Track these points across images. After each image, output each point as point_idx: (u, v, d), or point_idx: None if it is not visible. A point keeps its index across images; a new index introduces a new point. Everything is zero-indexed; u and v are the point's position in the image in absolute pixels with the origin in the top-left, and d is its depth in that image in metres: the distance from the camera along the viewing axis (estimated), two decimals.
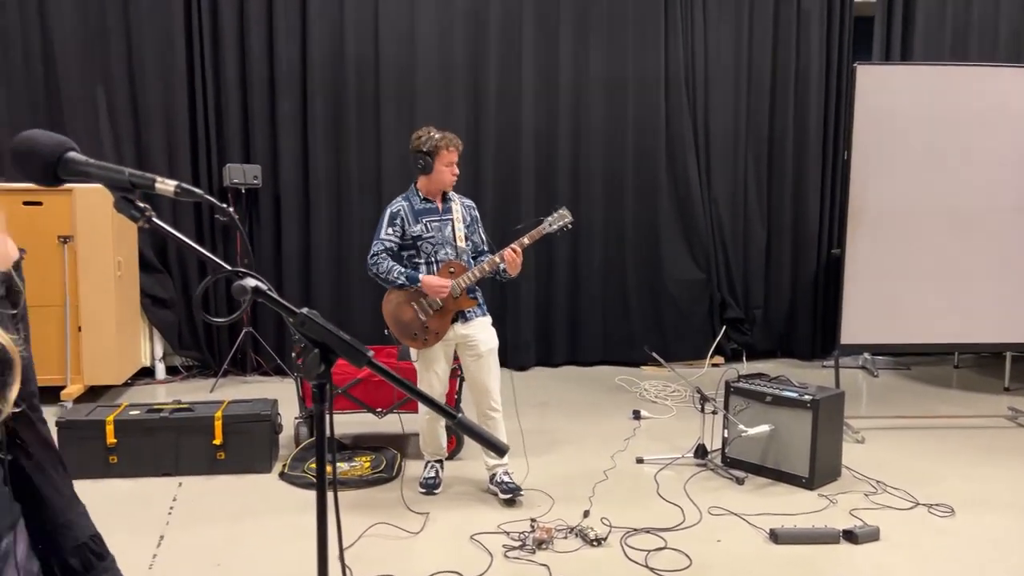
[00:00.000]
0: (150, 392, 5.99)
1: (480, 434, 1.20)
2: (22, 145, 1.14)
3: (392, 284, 3.96)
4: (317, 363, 1.15)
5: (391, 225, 3.99)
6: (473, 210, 4.19)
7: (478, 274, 3.94)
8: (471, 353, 4.04)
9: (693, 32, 6.78)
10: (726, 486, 4.24)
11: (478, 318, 4.05)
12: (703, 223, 6.89)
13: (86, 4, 6.04)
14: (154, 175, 1.14)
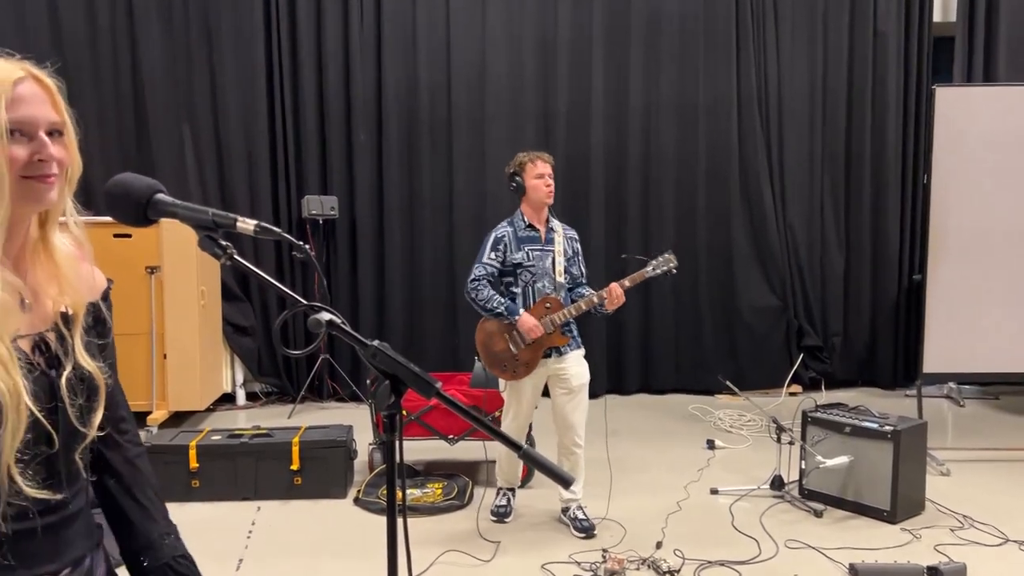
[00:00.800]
0: (231, 417, 6.17)
1: (546, 465, 1.22)
2: (116, 188, 1.22)
3: (489, 313, 3.94)
4: (388, 394, 1.18)
5: (494, 249, 3.97)
6: (576, 242, 4.14)
7: (574, 312, 3.88)
8: (562, 388, 3.98)
9: (765, 53, 6.73)
10: (804, 519, 4.13)
11: (572, 352, 4.00)
12: (778, 248, 6.78)
13: (173, 45, 6.32)
14: (236, 215, 1.20)
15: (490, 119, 6.59)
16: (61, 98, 1.22)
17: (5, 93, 1.14)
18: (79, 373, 1.27)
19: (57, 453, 1.24)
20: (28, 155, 1.16)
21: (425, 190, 6.62)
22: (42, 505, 1.22)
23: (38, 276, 1.26)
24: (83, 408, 1.26)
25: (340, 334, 1.19)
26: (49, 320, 1.27)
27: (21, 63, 1.19)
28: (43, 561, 1.24)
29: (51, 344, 1.25)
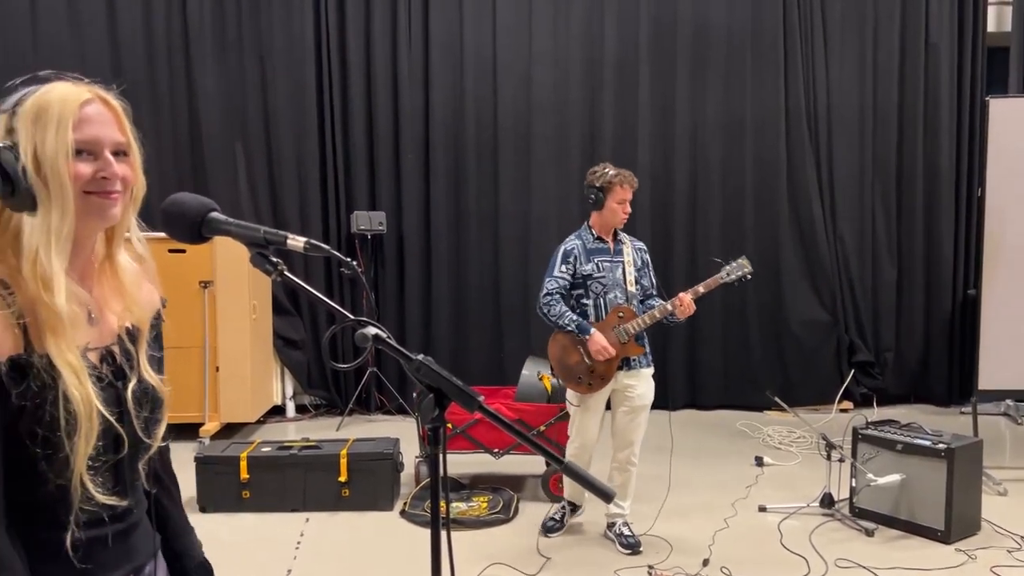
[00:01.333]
0: (281, 429, 6.26)
1: (587, 479, 1.23)
2: (172, 207, 1.27)
3: (561, 329, 3.92)
4: (432, 407, 1.21)
5: (564, 263, 3.94)
6: (644, 253, 4.10)
7: (648, 321, 3.84)
8: (625, 406, 3.95)
9: (814, 67, 6.67)
10: (854, 537, 4.06)
11: (642, 368, 3.96)
12: (828, 262, 6.70)
13: (227, 67, 6.49)
14: (286, 233, 1.23)
15: (536, 137, 6.63)
16: (127, 120, 1.28)
17: (72, 114, 1.20)
18: (143, 386, 1.32)
19: (123, 461, 1.29)
20: (92, 172, 1.22)
21: (471, 206, 6.68)
22: (111, 511, 1.27)
23: (104, 291, 1.32)
24: (147, 420, 1.32)
25: (386, 348, 1.22)
26: (114, 334, 1.32)
27: (89, 86, 1.25)
28: (111, 567, 1.30)
29: (117, 357, 1.30)
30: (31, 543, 1.20)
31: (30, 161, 1.17)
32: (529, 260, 6.61)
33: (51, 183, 1.18)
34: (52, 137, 1.18)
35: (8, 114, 1.20)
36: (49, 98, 1.20)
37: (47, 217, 1.19)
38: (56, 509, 1.21)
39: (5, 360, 1.16)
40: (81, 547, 1.23)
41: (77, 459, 1.19)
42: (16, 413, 1.16)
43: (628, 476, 4.01)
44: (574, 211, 6.44)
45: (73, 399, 1.18)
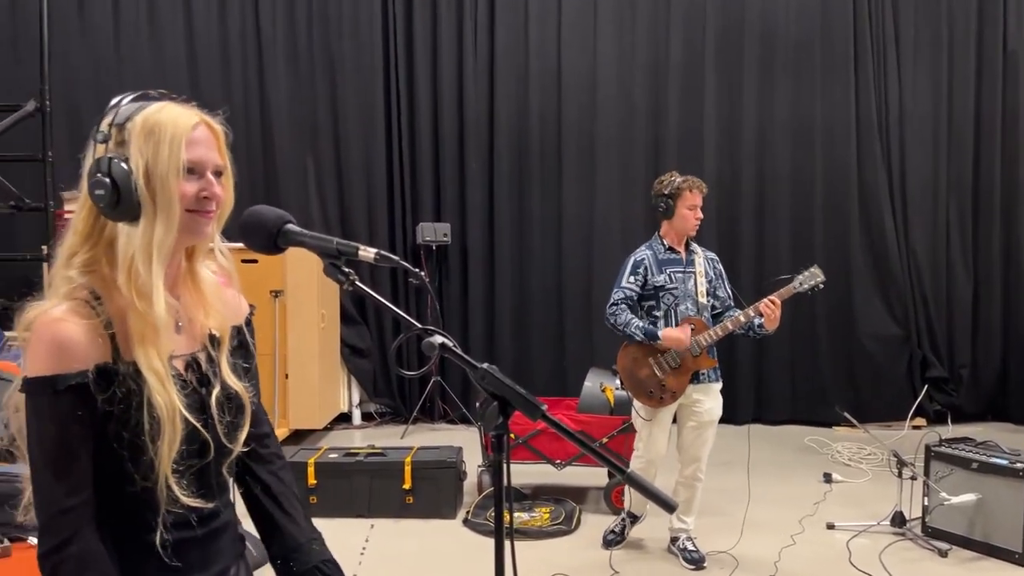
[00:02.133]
0: (347, 436, 6.37)
1: (650, 489, 1.24)
2: (250, 218, 1.32)
3: (629, 338, 3.89)
4: (496, 415, 1.23)
5: (633, 274, 3.89)
6: (717, 264, 4.04)
7: (720, 333, 3.77)
8: (693, 420, 3.89)
9: (886, 75, 6.53)
10: (927, 558, 3.95)
11: (711, 383, 3.90)
12: (901, 275, 6.54)
13: (299, 80, 6.67)
14: (357, 244, 1.28)
15: (600, 145, 6.64)
16: (224, 144, 1.35)
17: (185, 135, 1.27)
18: (227, 392, 1.37)
19: (208, 465, 1.34)
20: (196, 191, 1.29)
21: (535, 216, 6.72)
22: (198, 514, 1.32)
23: (188, 301, 1.38)
24: (230, 425, 1.37)
25: (452, 356, 1.25)
26: (198, 342, 1.38)
27: (196, 110, 1.32)
28: (198, 568, 1.35)
29: (201, 364, 1.36)
30: (122, 543, 1.26)
31: (140, 174, 1.24)
32: (592, 269, 6.62)
33: (159, 197, 1.24)
34: (165, 154, 1.25)
35: (117, 128, 1.26)
36: (161, 117, 1.27)
37: (150, 229, 1.24)
38: (143, 511, 1.27)
39: (92, 368, 1.22)
40: (169, 547, 1.29)
41: (161, 463, 1.24)
42: (103, 418, 1.22)
43: (694, 492, 3.96)
44: (638, 219, 6.43)
45: (157, 405, 1.23)
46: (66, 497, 1.21)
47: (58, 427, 1.20)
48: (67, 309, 1.23)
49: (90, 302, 1.25)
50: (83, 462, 1.22)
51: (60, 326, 1.21)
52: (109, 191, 1.23)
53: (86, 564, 1.20)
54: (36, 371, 1.21)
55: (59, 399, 1.20)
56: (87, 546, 1.21)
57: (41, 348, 1.21)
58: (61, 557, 1.20)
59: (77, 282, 1.27)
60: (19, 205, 5.12)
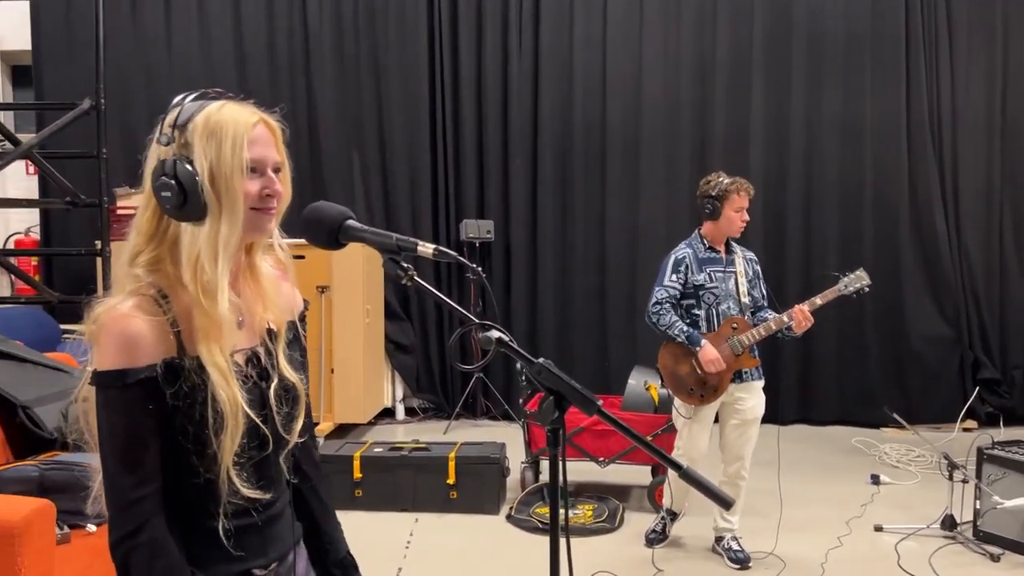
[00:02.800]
0: (390, 431, 6.43)
1: (706, 485, 1.24)
2: (312, 214, 1.35)
3: (671, 340, 3.87)
4: (552, 409, 1.24)
5: (675, 272, 3.86)
6: (755, 264, 4.02)
7: (763, 332, 3.77)
8: (736, 419, 3.88)
9: (938, 72, 6.40)
10: (978, 562, 3.88)
11: (754, 381, 3.90)
12: (952, 275, 6.41)
13: (345, 79, 6.74)
14: (416, 240, 1.30)
15: (645, 144, 6.61)
16: (282, 141, 1.38)
17: (247, 134, 1.30)
18: (284, 384, 1.41)
19: (267, 457, 1.38)
20: (259, 190, 1.32)
21: (578, 215, 6.71)
22: (256, 504, 1.36)
23: (248, 295, 1.41)
24: (287, 416, 1.40)
25: (509, 351, 1.26)
26: (258, 336, 1.41)
27: (255, 108, 1.35)
28: (259, 554, 1.39)
29: (261, 358, 1.40)
30: (186, 532, 1.30)
31: (205, 175, 1.26)
32: (636, 269, 6.59)
33: (224, 197, 1.27)
34: (228, 154, 1.27)
35: (180, 129, 1.29)
36: (222, 117, 1.29)
37: (215, 228, 1.27)
38: (206, 501, 1.31)
39: (160, 363, 1.26)
40: (232, 536, 1.33)
41: (224, 455, 1.28)
42: (171, 411, 1.26)
43: (737, 491, 3.93)
44: (683, 219, 6.38)
45: (220, 400, 1.27)
46: (136, 488, 1.24)
47: (128, 420, 1.24)
48: (134, 305, 1.27)
49: (156, 299, 1.28)
50: (152, 454, 1.26)
51: (129, 321, 1.25)
52: (175, 192, 1.26)
53: (156, 552, 1.25)
54: (106, 365, 1.25)
55: (129, 392, 1.24)
56: (156, 535, 1.25)
57: (111, 343, 1.25)
58: (132, 545, 1.24)
59: (143, 280, 1.30)
60: (74, 201, 5.24)
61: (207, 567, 1.31)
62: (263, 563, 1.40)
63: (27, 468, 2.98)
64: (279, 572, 1.44)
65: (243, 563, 1.36)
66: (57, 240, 6.71)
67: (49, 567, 2.46)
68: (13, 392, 3.29)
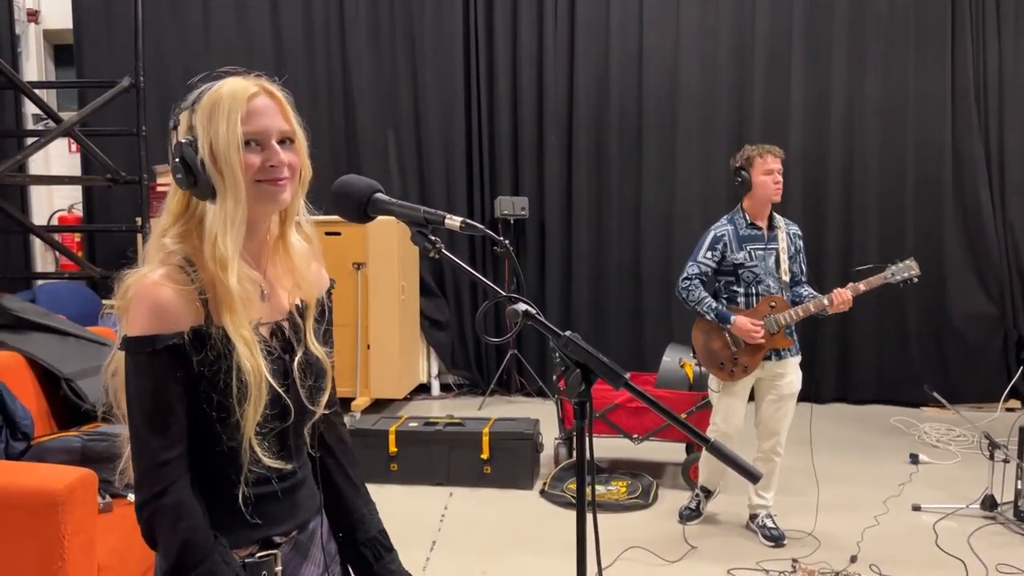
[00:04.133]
0: (426, 407, 6.48)
1: (734, 459, 1.23)
2: (341, 188, 1.36)
3: (701, 316, 3.86)
4: (579, 382, 1.24)
5: (711, 248, 3.82)
6: (799, 239, 3.96)
7: (802, 314, 3.72)
8: (772, 394, 3.86)
9: (985, 43, 6.23)
10: (1018, 543, 3.82)
11: (791, 357, 3.86)
12: (996, 252, 6.27)
13: (380, 56, 6.74)
14: (444, 213, 1.30)
15: (681, 123, 6.53)
16: (290, 108, 1.37)
17: (240, 108, 1.30)
18: (309, 358, 1.42)
19: (289, 428, 1.40)
20: (260, 162, 1.32)
21: (613, 193, 6.66)
22: (277, 473, 1.38)
23: (277, 270, 1.43)
24: (312, 388, 1.42)
25: (536, 324, 1.26)
26: (284, 310, 1.43)
27: (256, 79, 1.35)
28: (278, 522, 1.41)
29: (286, 331, 1.41)
30: (209, 497, 1.33)
31: (207, 154, 1.28)
32: (671, 247, 6.54)
33: (225, 174, 1.28)
34: (224, 131, 1.28)
35: (189, 111, 1.32)
36: (220, 93, 1.30)
37: (223, 204, 1.29)
38: (228, 468, 1.33)
39: (188, 330, 1.28)
40: (251, 503, 1.35)
41: (247, 424, 1.30)
42: (196, 378, 1.29)
43: (773, 467, 3.92)
44: (720, 200, 6.31)
45: (245, 370, 1.29)
46: (162, 451, 1.27)
47: (156, 384, 1.27)
48: (164, 274, 1.29)
49: (184, 268, 1.31)
50: (179, 419, 1.29)
51: (159, 289, 1.28)
52: (184, 176, 1.29)
53: (180, 514, 1.27)
54: (136, 331, 1.28)
55: (157, 358, 1.26)
56: (181, 497, 1.28)
57: (141, 309, 1.28)
58: (157, 507, 1.27)
59: (171, 249, 1.33)
60: (115, 178, 5.34)
61: (228, 533, 1.34)
62: (284, 530, 1.42)
63: (70, 439, 3.06)
64: (299, 539, 1.46)
65: (263, 530, 1.39)
66: (99, 217, 6.83)
67: (91, 535, 2.52)
68: (57, 365, 3.37)
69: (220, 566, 1.28)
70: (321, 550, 1.50)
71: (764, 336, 3.74)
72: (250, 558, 1.37)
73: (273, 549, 1.40)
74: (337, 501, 1.57)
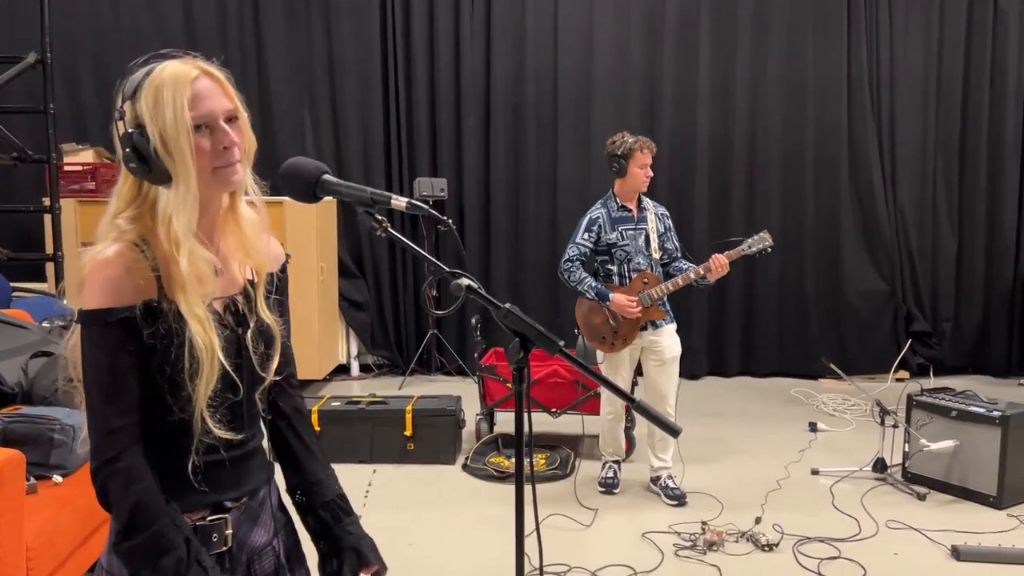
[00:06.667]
0: (346, 387, 6.51)
1: (657, 416, 1.37)
2: (290, 169, 1.42)
3: (582, 295, 4.15)
4: (517, 351, 1.36)
5: (587, 231, 4.15)
6: (667, 218, 4.29)
7: (672, 287, 4.03)
8: (655, 360, 4.16)
9: (878, 32, 6.59)
10: (906, 501, 4.15)
11: (666, 325, 4.17)
12: (888, 231, 6.67)
13: (295, 37, 6.67)
14: (390, 194, 1.38)
15: (596, 104, 6.69)
16: (231, 86, 1.41)
17: (185, 93, 1.33)
18: (260, 326, 1.49)
19: (240, 401, 1.46)
20: (212, 145, 1.36)
21: (531, 174, 6.79)
22: (227, 443, 1.44)
23: (229, 243, 1.48)
24: (263, 356, 1.48)
25: (477, 297, 1.37)
26: (239, 284, 1.48)
27: (194, 61, 1.38)
28: (227, 489, 1.47)
29: (239, 304, 1.47)
30: (160, 466, 1.38)
31: (158, 141, 1.32)
32: None
33: (176, 160, 1.32)
34: (171, 118, 1.32)
35: (131, 102, 1.34)
36: (162, 79, 1.33)
37: (177, 188, 1.34)
38: (179, 439, 1.39)
39: (140, 304, 1.34)
40: (200, 471, 1.41)
41: (198, 399, 1.36)
42: (148, 351, 1.34)
43: None
44: None
45: (197, 346, 1.34)
46: (116, 418, 1.32)
47: (108, 355, 1.32)
48: (117, 251, 1.34)
49: (139, 244, 1.36)
50: (131, 388, 1.34)
51: (111, 265, 1.33)
52: (138, 164, 1.33)
53: (132, 478, 1.33)
54: (90, 305, 1.32)
55: (110, 330, 1.32)
56: (133, 462, 1.33)
57: (95, 284, 1.33)
58: (110, 471, 1.32)
59: (125, 228, 1.37)
60: (21, 157, 5.16)
61: (179, 498, 1.39)
62: (234, 496, 1.48)
63: None
64: (250, 506, 1.52)
65: (213, 496, 1.44)
66: (3, 197, 6.58)
67: (19, 516, 2.52)
68: None
69: (170, 527, 1.34)
70: (272, 517, 1.57)
71: (639, 310, 3.98)
72: (201, 521, 1.43)
73: (224, 514, 1.46)
74: (294, 466, 1.62)
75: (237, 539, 1.48)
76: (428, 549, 3.67)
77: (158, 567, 1.30)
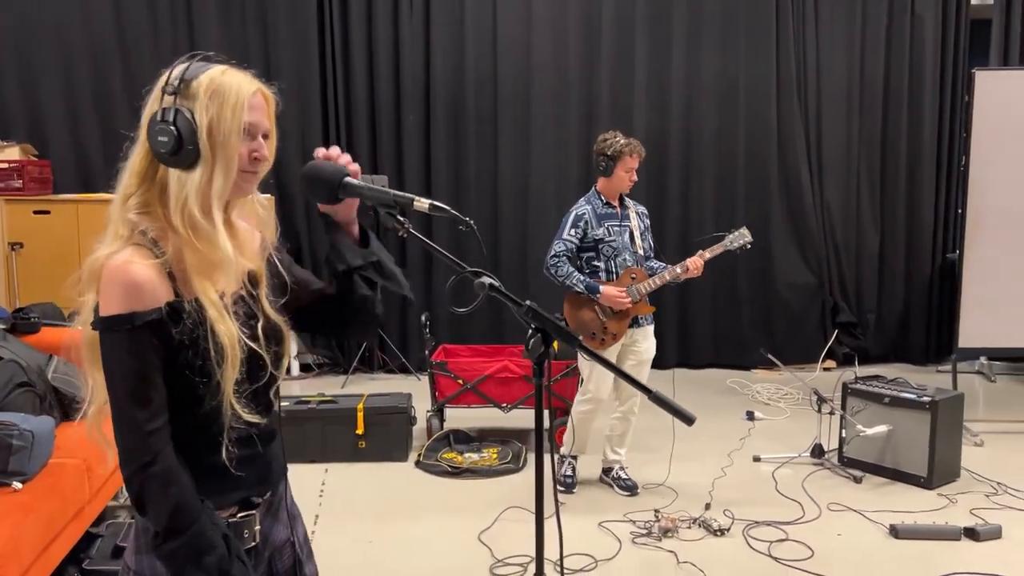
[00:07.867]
0: (286, 387, 6.42)
1: (673, 406, 1.45)
2: (311, 172, 1.46)
3: (570, 289, 4.13)
4: (539, 345, 1.42)
5: (574, 227, 4.14)
6: (646, 217, 4.35)
7: (658, 283, 4.10)
8: (632, 359, 4.21)
9: (804, 37, 6.85)
10: (844, 484, 4.36)
11: (648, 325, 4.23)
12: (815, 227, 6.95)
13: (230, 32, 6.55)
14: (413, 195, 1.43)
15: (535, 102, 6.76)
16: (273, 111, 1.49)
17: (247, 100, 1.41)
18: (271, 324, 1.52)
19: (262, 387, 1.49)
20: (249, 151, 1.42)
21: (471, 171, 6.82)
22: (256, 429, 1.47)
23: None
24: (276, 354, 1.51)
25: (499, 295, 1.42)
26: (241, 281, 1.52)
27: (254, 78, 1.47)
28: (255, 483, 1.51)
29: (247, 300, 1.50)
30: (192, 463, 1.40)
31: (204, 129, 1.36)
32: (527, 226, 6.79)
33: (220, 152, 1.37)
34: (229, 114, 1.38)
35: (185, 83, 1.38)
36: (226, 80, 1.41)
37: (207, 178, 1.37)
38: (211, 428, 1.42)
39: (165, 305, 1.35)
40: (235, 459, 1.44)
41: (226, 384, 1.39)
42: (176, 348, 1.36)
43: (628, 426, 4.30)
44: (572, 177, 6.66)
45: (219, 333, 1.38)
46: (147, 422, 1.34)
47: (137, 360, 1.34)
48: (132, 252, 1.35)
49: (149, 247, 1.37)
50: (159, 390, 1.36)
51: (132, 268, 1.34)
52: (173, 139, 1.35)
53: (169, 480, 1.35)
54: (113, 310, 1.33)
55: (137, 334, 1.33)
56: (168, 464, 1.35)
57: (116, 289, 1.33)
58: (147, 475, 1.34)
59: (137, 225, 1.39)
60: None
61: (210, 496, 1.42)
62: (260, 491, 1.52)
63: None
64: (272, 502, 1.57)
65: (242, 492, 1.48)
66: None
67: None
68: None
69: (209, 526, 1.37)
70: (286, 512, 1.61)
71: (629, 300, 4.06)
72: (232, 518, 1.46)
73: (251, 510, 1.50)
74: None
75: (262, 535, 1.51)
76: (389, 547, 3.70)
77: (202, 565, 1.32)
